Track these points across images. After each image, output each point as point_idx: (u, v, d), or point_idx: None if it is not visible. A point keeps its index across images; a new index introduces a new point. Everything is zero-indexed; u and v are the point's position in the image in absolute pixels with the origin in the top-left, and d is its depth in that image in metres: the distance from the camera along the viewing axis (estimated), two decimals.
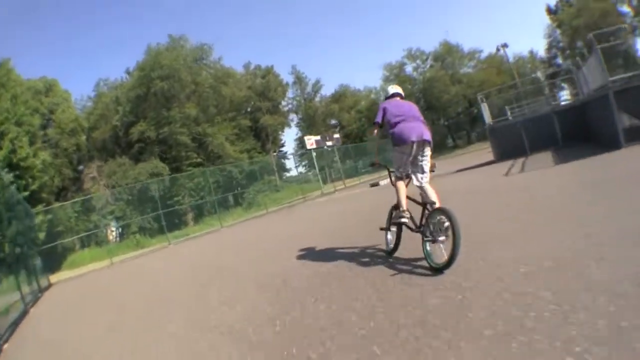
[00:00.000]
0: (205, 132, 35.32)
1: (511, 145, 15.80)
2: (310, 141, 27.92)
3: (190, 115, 34.53)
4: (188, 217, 33.89)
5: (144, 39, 77.15)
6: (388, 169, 4.56)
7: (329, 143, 29.13)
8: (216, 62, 39.53)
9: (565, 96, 32.71)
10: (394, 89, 4.85)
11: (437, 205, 3.96)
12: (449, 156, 35.29)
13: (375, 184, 19.32)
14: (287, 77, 55.51)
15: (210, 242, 14.01)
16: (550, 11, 45.02)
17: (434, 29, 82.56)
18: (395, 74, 49.13)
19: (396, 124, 4.29)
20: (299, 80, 50.74)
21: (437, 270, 3.61)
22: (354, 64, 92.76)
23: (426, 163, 4.25)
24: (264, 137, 43.10)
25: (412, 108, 4.46)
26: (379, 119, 4.46)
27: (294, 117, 51.64)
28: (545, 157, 12.75)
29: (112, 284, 10.10)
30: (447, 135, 51.62)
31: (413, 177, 4.28)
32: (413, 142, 4.12)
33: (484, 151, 25.05)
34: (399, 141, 4.18)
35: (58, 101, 37.02)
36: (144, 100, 35.05)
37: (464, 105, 47.07)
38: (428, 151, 4.25)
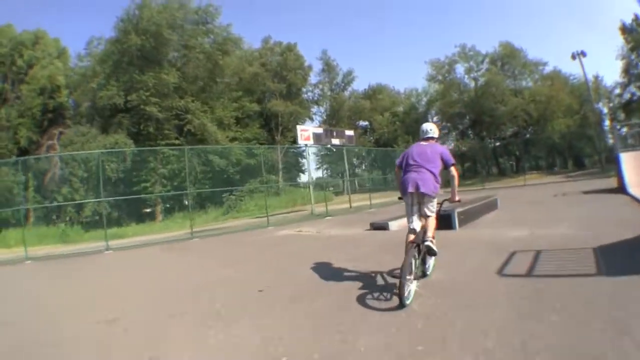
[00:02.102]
0: (187, 107, 28.65)
1: None
2: (306, 134, 19.77)
3: (167, 83, 27.84)
4: (157, 209, 29.04)
5: None
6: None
7: (335, 141, 21.24)
8: (223, 27, 32.22)
9: None
10: (428, 131, 5.01)
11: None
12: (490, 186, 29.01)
13: (382, 227, 10.29)
14: (314, 63, 47.12)
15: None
16: (625, 30, 35.30)
17: (490, 32, 71.43)
18: (444, 73, 39.84)
19: (401, 170, 4.81)
20: (329, 67, 42.39)
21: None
22: (394, 63, 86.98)
23: (428, 208, 4.61)
24: (273, 127, 34.55)
25: (427, 154, 4.72)
26: (399, 162, 4.90)
27: (316, 110, 43.73)
28: None
29: None
30: (492, 158, 41.35)
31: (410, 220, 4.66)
32: (412, 193, 4.59)
33: (548, 185, 22.93)
34: (402, 190, 4.68)
35: (41, 55, 31.99)
36: (121, 60, 28.91)
37: (520, 124, 36.89)
38: (428, 201, 4.60)
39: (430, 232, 4.48)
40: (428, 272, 4.86)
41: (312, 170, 20.96)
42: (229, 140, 31.09)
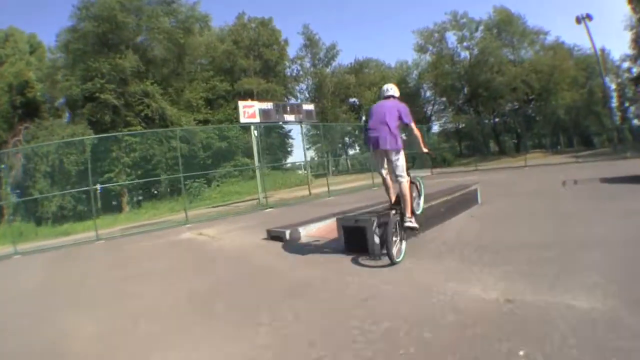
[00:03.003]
0: (146, 91, 27.44)
1: None
2: (251, 110, 17.58)
3: (123, 69, 26.64)
4: (123, 200, 28.27)
5: None
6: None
7: (290, 118, 19.35)
8: (188, 6, 30.73)
9: None
10: (388, 89, 5.39)
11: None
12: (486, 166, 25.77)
13: (278, 236, 7.55)
14: (296, 38, 44.59)
15: None
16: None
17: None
18: (434, 43, 36.66)
19: (367, 129, 5.09)
20: (311, 42, 39.71)
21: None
22: (383, 35, 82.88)
23: (396, 165, 4.94)
24: None
25: (384, 111, 5.03)
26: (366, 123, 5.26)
27: (301, 87, 42.16)
28: None
29: None
30: (493, 136, 38.14)
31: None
32: (375, 152, 5.02)
33: (553, 168, 18.54)
34: (370, 147, 5.04)
35: (10, 52, 31.95)
36: (80, 49, 27.97)
37: (521, 98, 33.62)
38: (394, 156, 4.93)
39: (407, 210, 4.87)
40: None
41: (255, 152, 18.59)
42: (197, 123, 30.13)
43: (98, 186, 19.56)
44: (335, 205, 11.68)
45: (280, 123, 19.89)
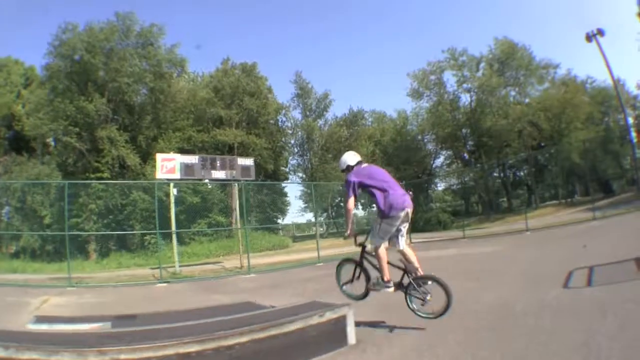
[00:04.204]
0: (109, 137, 27.11)
1: None
2: (171, 164, 16.35)
3: (88, 111, 26.54)
4: (90, 247, 26.94)
5: None
6: (363, 247, 5.14)
7: (219, 174, 17.97)
8: (168, 48, 30.83)
9: None
10: (354, 157, 5.33)
11: (421, 272, 4.79)
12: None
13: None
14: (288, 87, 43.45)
15: None
16: None
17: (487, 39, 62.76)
18: (429, 86, 34.63)
19: (384, 190, 4.79)
20: (303, 91, 38.56)
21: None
22: (380, 83, 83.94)
23: (406, 226, 4.91)
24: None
25: (387, 173, 5.13)
26: (353, 191, 4.95)
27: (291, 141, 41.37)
28: None
29: None
30: (502, 191, 34.73)
31: (395, 242, 4.92)
32: (407, 212, 4.76)
33: (563, 231, 15.43)
34: (392, 211, 4.68)
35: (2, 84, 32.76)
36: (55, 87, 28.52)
37: (528, 143, 30.30)
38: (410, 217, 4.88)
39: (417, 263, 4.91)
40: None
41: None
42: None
43: None
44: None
45: (206, 180, 17.88)
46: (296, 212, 41.37)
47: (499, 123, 31.74)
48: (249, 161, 18.97)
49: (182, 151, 29.06)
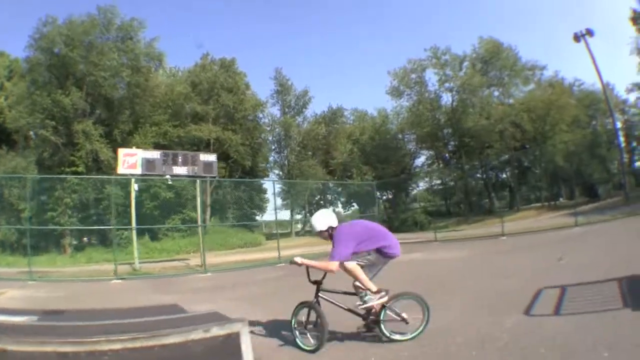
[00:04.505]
0: (84, 131, 27.37)
1: None
2: (132, 160, 16.60)
3: (64, 105, 26.82)
4: (65, 242, 27.31)
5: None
6: (318, 284, 4.84)
7: (181, 170, 17.61)
8: (148, 43, 31.15)
9: None
10: (331, 215, 4.92)
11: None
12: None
13: None
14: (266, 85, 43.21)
15: None
16: (638, 18, 29.25)
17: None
18: (410, 85, 34.55)
19: (387, 236, 4.78)
20: (283, 88, 39.37)
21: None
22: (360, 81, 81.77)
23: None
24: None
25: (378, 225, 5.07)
26: (349, 249, 4.53)
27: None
28: None
29: None
30: (484, 192, 34.41)
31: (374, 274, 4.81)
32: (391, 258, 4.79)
33: (539, 238, 14.57)
34: (391, 255, 4.72)
35: None
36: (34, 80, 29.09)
37: (511, 144, 30.07)
38: None
39: None
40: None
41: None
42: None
43: None
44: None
45: (168, 176, 17.79)
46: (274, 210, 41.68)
47: (480, 123, 31.63)
48: (211, 157, 18.74)
49: (158, 146, 29.55)
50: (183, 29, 69.35)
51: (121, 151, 16.97)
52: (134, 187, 17.33)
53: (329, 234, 4.73)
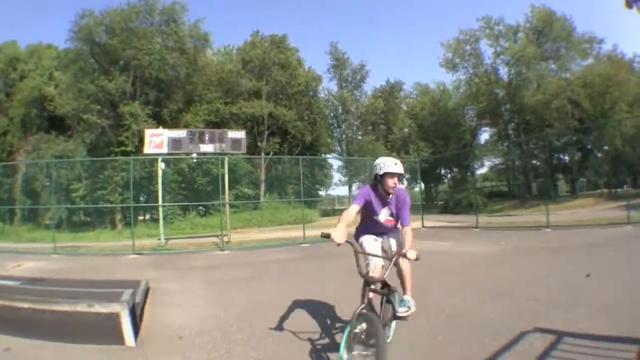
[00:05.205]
0: (130, 112, 28.78)
1: None
2: (158, 140, 17.31)
3: (109, 90, 28.53)
4: (116, 218, 29.61)
5: None
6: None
7: (208, 148, 18.08)
8: (193, 25, 32.24)
9: None
10: (391, 165, 3.97)
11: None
12: None
13: None
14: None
15: None
16: None
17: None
18: (464, 55, 34.08)
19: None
20: (339, 62, 39.91)
21: None
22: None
23: None
24: (256, 133, 34.21)
25: None
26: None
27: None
28: None
29: None
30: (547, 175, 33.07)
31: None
32: None
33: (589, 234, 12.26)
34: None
35: (33, 67, 35.55)
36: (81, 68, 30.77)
37: (569, 122, 29.79)
38: None
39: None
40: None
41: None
42: None
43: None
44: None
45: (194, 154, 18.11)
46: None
47: (536, 98, 29.73)
48: (239, 134, 18.93)
49: (210, 123, 30.45)
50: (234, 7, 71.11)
51: (147, 131, 17.89)
52: (161, 165, 17.88)
53: (394, 186, 3.97)
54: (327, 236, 3.30)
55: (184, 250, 15.20)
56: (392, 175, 3.89)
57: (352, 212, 3.83)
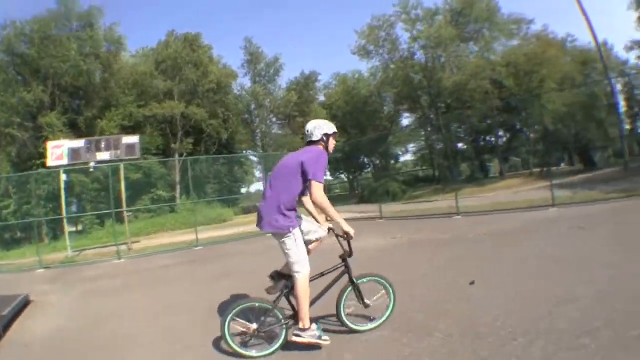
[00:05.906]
0: (47, 123, 28.87)
1: None
2: (59, 151, 17.25)
3: (28, 102, 28.76)
4: (42, 231, 28.35)
5: None
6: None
7: (104, 156, 17.70)
8: (109, 28, 32.59)
9: None
10: (321, 127, 3.87)
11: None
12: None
13: None
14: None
15: None
16: None
17: None
18: (378, 41, 34.36)
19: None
20: (252, 57, 40.19)
21: None
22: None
23: (289, 255, 3.69)
24: (169, 134, 34.77)
25: (283, 167, 3.81)
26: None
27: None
28: None
29: None
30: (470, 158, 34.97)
31: None
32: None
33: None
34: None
35: None
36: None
37: (493, 104, 30.15)
38: (279, 240, 3.70)
39: (300, 314, 3.65)
40: None
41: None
42: None
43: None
44: None
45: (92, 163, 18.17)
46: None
47: (452, 79, 30.83)
48: (133, 139, 18.89)
49: (124, 128, 31.26)
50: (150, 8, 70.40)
51: (49, 143, 18.28)
52: (62, 177, 17.92)
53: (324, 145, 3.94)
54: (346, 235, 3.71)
55: (88, 261, 15.50)
56: (335, 135, 3.93)
57: None
